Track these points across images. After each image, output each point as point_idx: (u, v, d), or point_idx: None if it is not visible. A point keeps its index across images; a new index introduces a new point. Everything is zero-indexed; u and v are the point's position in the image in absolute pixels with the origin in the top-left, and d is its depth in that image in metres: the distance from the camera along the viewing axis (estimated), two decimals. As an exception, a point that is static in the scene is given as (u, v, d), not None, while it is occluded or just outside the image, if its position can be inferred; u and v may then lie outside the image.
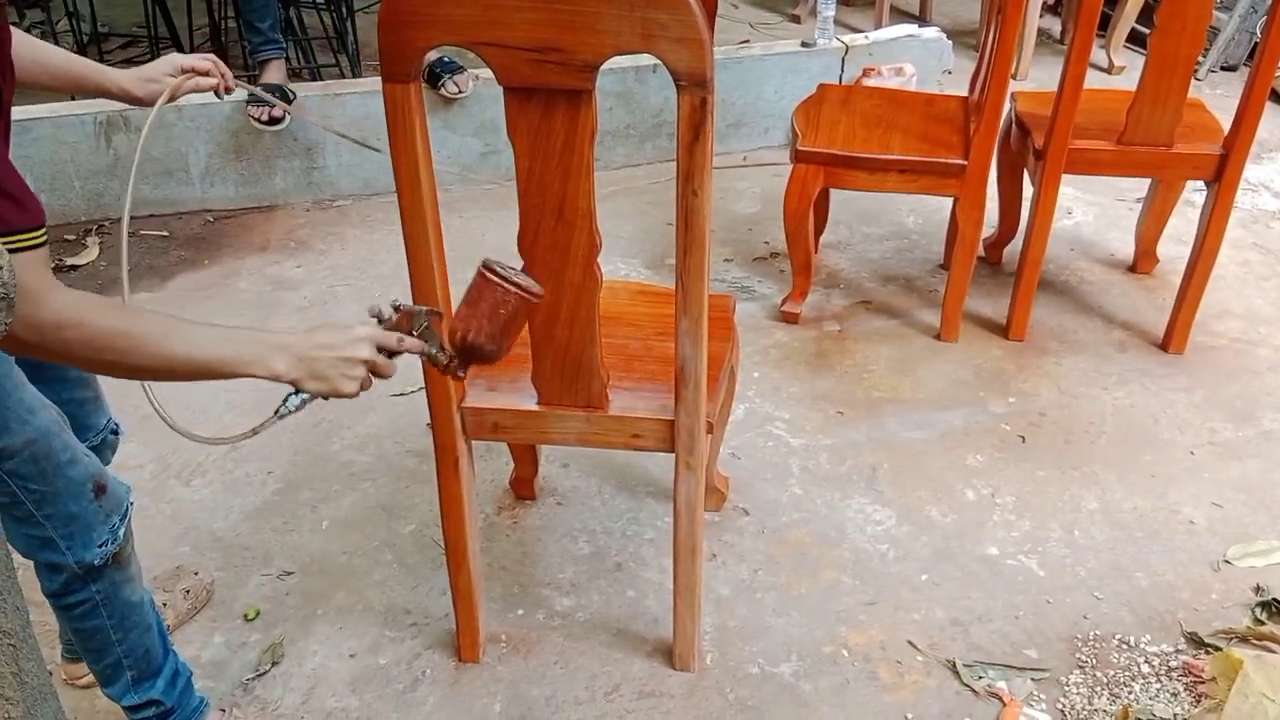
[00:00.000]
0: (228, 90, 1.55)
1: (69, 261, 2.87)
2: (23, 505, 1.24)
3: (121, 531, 1.35)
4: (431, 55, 3.17)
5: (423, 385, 1.48)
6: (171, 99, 1.48)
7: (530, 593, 1.86)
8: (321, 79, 3.58)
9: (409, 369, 1.50)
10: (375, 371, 1.15)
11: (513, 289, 1.15)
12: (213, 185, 3.16)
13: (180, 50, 3.75)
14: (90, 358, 1.02)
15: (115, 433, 1.56)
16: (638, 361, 1.63)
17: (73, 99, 2.97)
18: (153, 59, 3.62)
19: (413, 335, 1.18)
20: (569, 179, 1.29)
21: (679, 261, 1.34)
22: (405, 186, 1.29)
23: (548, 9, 1.16)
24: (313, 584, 1.88)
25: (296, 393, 1.14)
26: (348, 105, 3.13)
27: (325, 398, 1.14)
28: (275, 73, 3.07)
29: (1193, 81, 3.96)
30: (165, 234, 3.06)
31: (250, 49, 3.13)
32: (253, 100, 3.00)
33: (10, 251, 0.90)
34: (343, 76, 3.56)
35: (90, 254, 2.94)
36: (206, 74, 1.51)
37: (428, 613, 1.82)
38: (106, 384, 1.51)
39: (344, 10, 3.66)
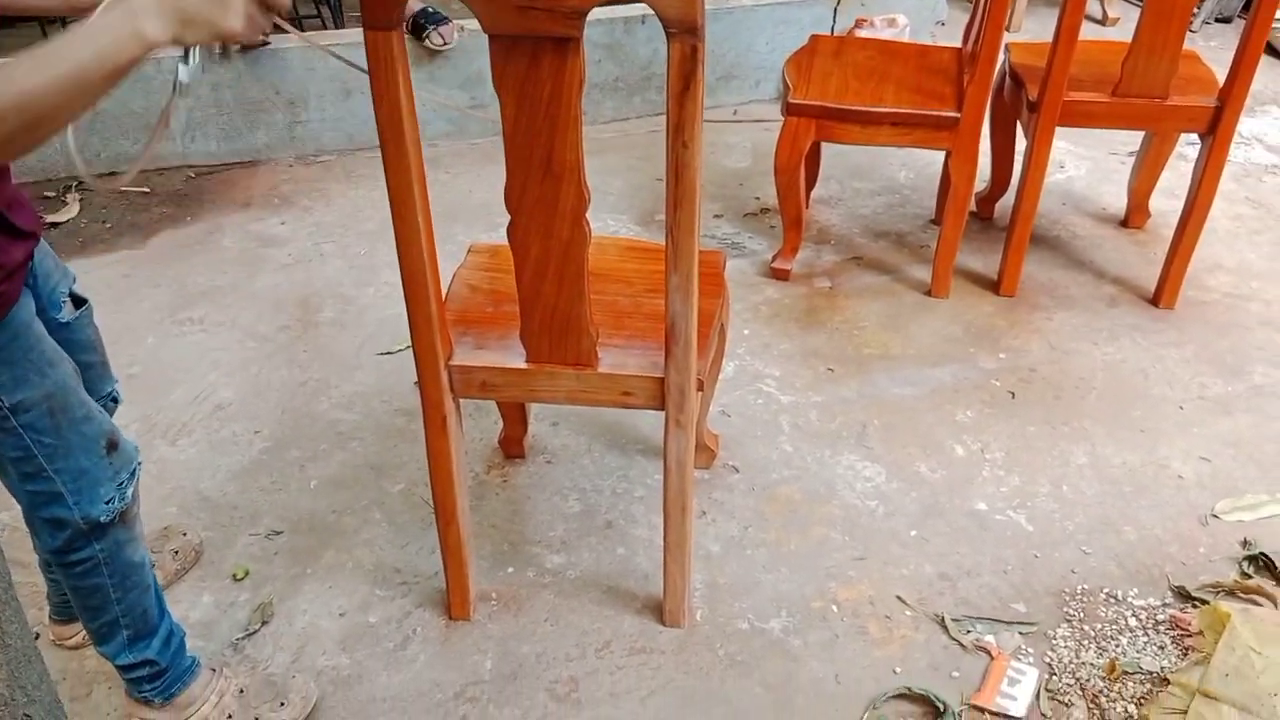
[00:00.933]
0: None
1: (49, 218, 2.82)
2: (34, 459, 1.23)
3: (130, 490, 1.34)
4: (415, 5, 3.10)
5: (409, 344, 1.46)
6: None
7: (520, 550, 1.86)
8: (303, 30, 3.51)
9: (395, 329, 1.47)
10: (266, 4, 1.00)
11: None
12: (194, 140, 3.10)
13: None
14: None
15: (115, 400, 1.55)
16: (627, 319, 1.61)
17: (64, 25, 2.90)
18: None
19: None
20: (556, 130, 1.26)
21: (669, 216, 1.32)
22: (389, 138, 1.26)
23: (534, -46, 1.12)
24: (301, 543, 1.87)
25: (185, 57, 1.00)
26: (330, 58, 3.06)
27: (218, 45, 0.99)
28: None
29: (1187, 34, 3.94)
30: (147, 190, 3.01)
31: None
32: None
33: None
34: (324, 28, 3.49)
35: (70, 210, 2.89)
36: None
37: (417, 571, 1.81)
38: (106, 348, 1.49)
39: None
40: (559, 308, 1.41)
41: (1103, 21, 4.00)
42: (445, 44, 3.08)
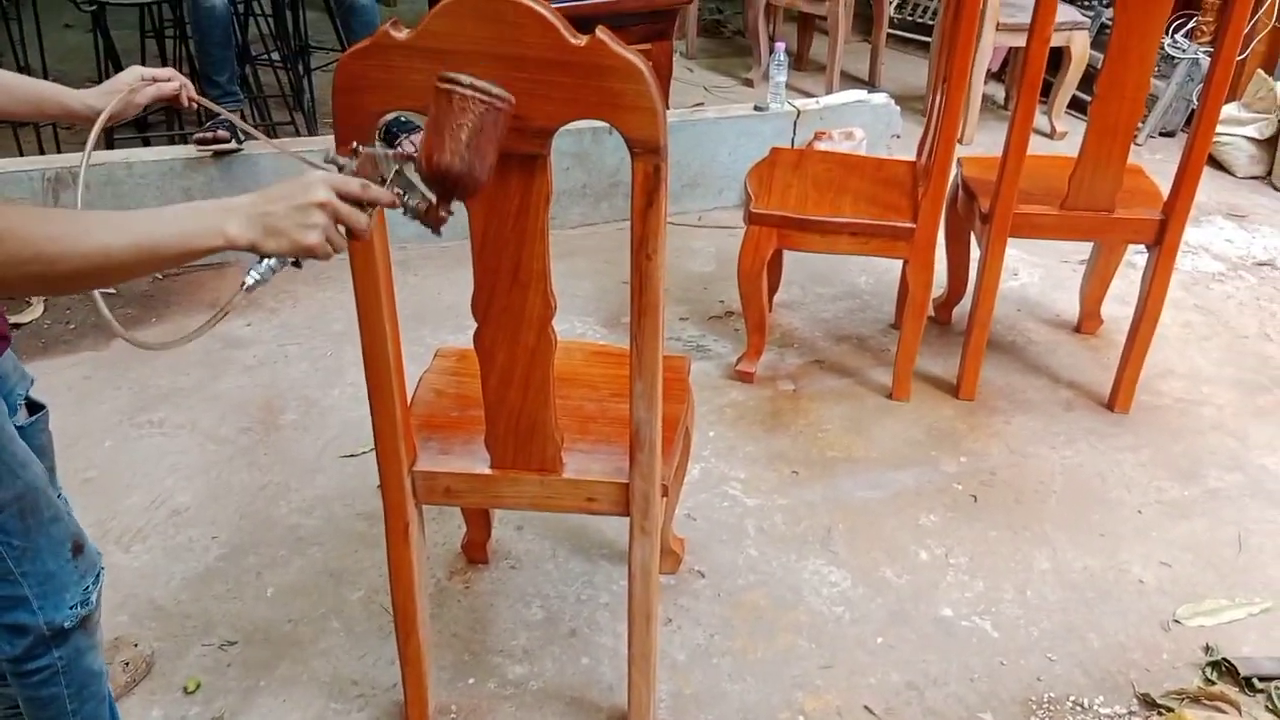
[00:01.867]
0: (191, 100, 1.52)
1: (12, 319, 2.80)
2: (2, 562, 1.20)
3: (94, 595, 1.31)
4: (389, 114, 3.18)
5: (373, 447, 1.46)
6: (132, 107, 1.43)
7: (482, 661, 1.82)
8: (277, 136, 3.57)
9: (358, 431, 1.47)
10: (341, 221, 1.04)
11: (469, 92, 1.04)
12: (162, 242, 3.11)
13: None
14: (21, 273, 0.89)
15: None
16: (593, 423, 1.62)
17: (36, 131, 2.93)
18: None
19: (382, 182, 1.07)
20: (524, 242, 1.29)
21: (633, 324, 1.34)
22: (356, 251, 1.28)
23: (505, 76, 1.16)
24: (256, 654, 1.82)
25: (260, 260, 1.04)
26: (302, 163, 3.11)
27: (292, 258, 1.04)
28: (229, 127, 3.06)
29: (1132, 147, 4.12)
30: (112, 291, 3.00)
31: (205, 103, 3.11)
32: (205, 129, 2.97)
33: None
34: (298, 134, 3.55)
35: (35, 312, 2.88)
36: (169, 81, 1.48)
37: (375, 683, 1.76)
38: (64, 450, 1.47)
39: (300, 68, 3.68)
40: (524, 414, 1.42)
41: (1051, 135, 4.17)
42: (417, 152, 3.14)
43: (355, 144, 1.07)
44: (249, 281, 1.05)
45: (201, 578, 1.99)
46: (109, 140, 3.46)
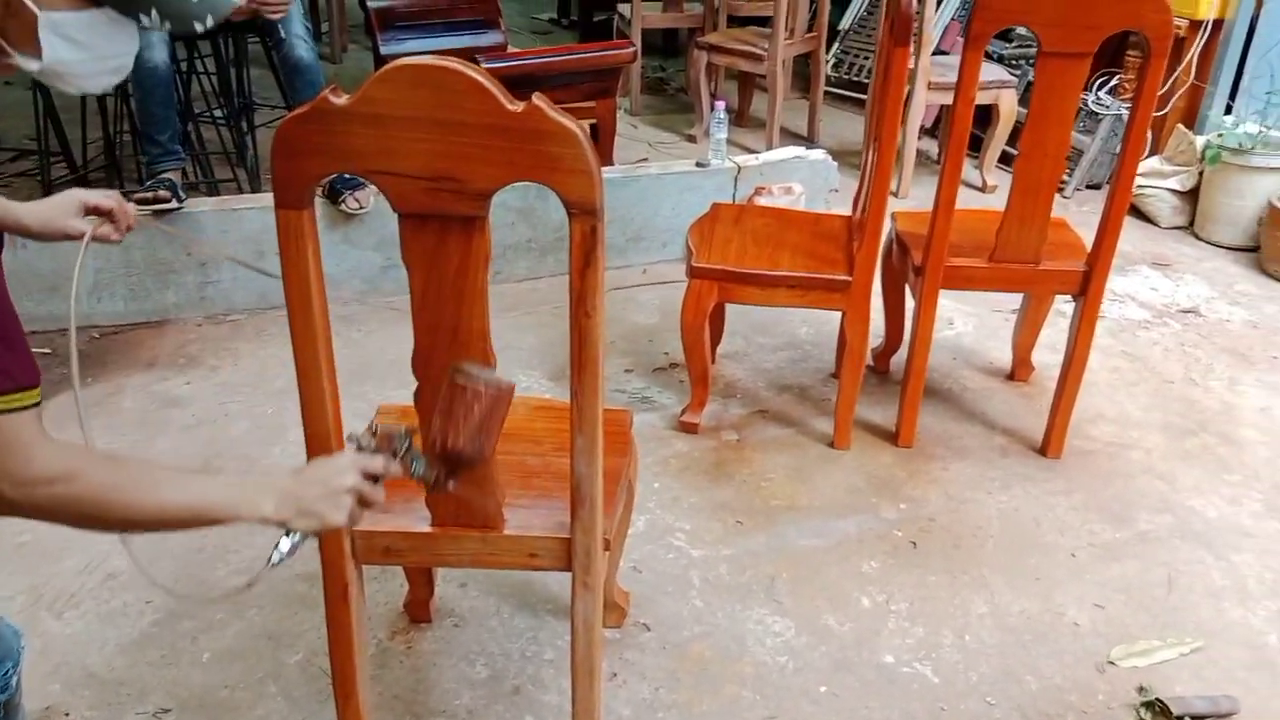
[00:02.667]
0: (129, 229, 1.52)
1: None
2: None
3: (13, 680, 1.27)
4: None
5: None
6: (59, 234, 1.43)
7: (425, 721, 1.80)
8: (219, 194, 3.56)
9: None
10: (363, 499, 1.14)
11: (480, 386, 1.17)
12: (100, 301, 3.08)
13: (71, 165, 3.71)
14: (80, 513, 1.00)
15: None
16: (535, 478, 1.63)
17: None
18: (44, 172, 3.56)
19: (395, 456, 1.18)
20: (463, 302, 1.31)
21: (573, 380, 1.36)
22: (296, 311, 1.29)
23: (444, 140, 1.19)
24: (192, 721, 1.78)
25: (287, 533, 1.13)
26: (244, 220, 3.11)
27: (317, 534, 1.14)
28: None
29: (1060, 200, 4.27)
30: (48, 351, 2.95)
31: (147, 160, 3.10)
32: (141, 193, 2.95)
33: (6, 411, 0.92)
34: (240, 191, 3.55)
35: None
36: (110, 214, 1.47)
37: (316, 747, 1.74)
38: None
39: (244, 125, 3.68)
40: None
41: (983, 189, 4.31)
42: (360, 208, 3.16)
43: (373, 424, 1.23)
44: (275, 559, 1.15)
45: (136, 643, 1.94)
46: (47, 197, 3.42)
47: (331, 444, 1.38)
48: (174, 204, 2.99)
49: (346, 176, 3.19)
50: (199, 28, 1.07)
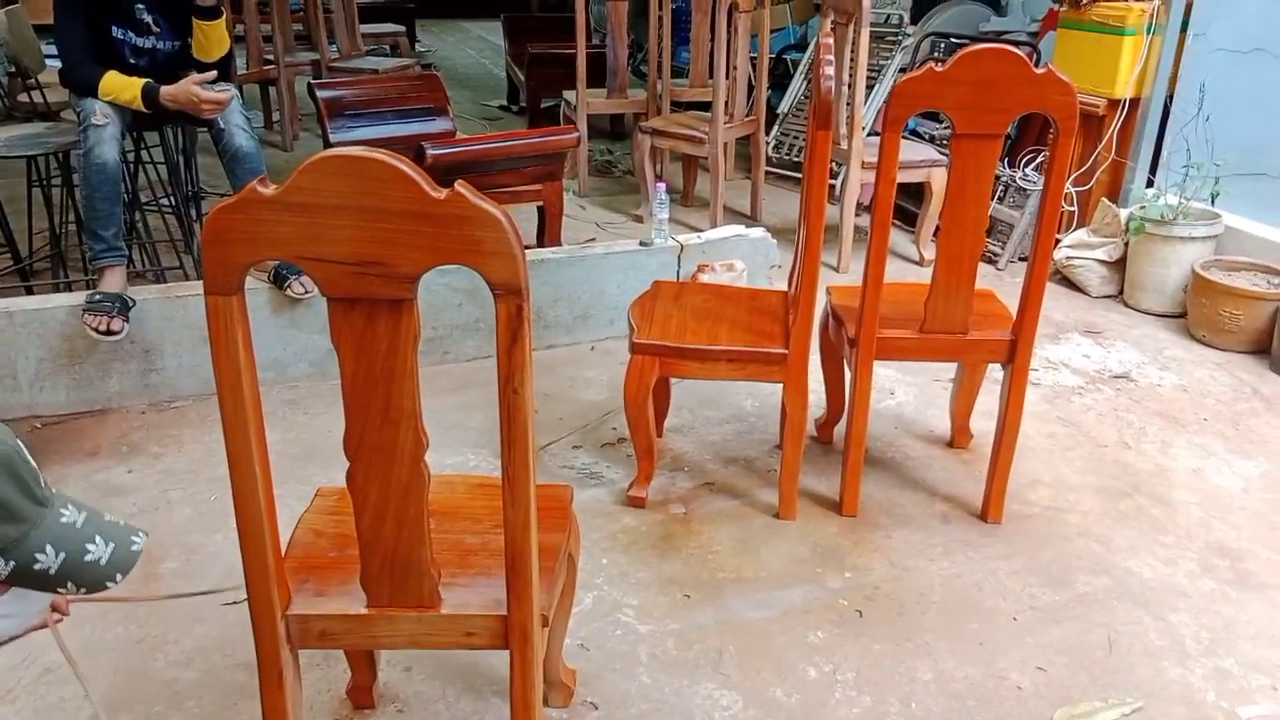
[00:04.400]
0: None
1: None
2: None
3: None
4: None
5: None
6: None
7: (366, 810, 1.77)
8: (166, 281, 3.58)
9: (242, 577, 1.47)
10: None
11: None
12: (42, 391, 3.05)
13: (15, 256, 3.71)
14: None
15: None
16: (473, 556, 1.64)
17: None
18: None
19: None
20: (393, 382, 1.33)
21: (504, 456, 1.39)
22: (226, 396, 1.31)
23: (369, 227, 1.23)
24: (124, 819, 1.73)
25: None
26: (189, 307, 3.12)
27: None
28: (114, 280, 3.05)
29: (994, 272, 4.40)
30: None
31: (91, 255, 3.12)
32: (89, 309, 2.96)
33: None
34: (187, 278, 3.56)
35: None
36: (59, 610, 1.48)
37: (252, 841, 1.69)
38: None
39: (192, 214, 3.71)
40: (399, 550, 1.44)
41: (920, 263, 4.44)
42: (306, 293, 3.18)
43: None
44: None
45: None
46: (-11, 289, 3.42)
47: (264, 530, 1.39)
48: (121, 334, 2.97)
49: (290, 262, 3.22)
50: (110, 586, 1.22)
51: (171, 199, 3.84)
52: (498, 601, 1.50)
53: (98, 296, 2.98)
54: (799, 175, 5.21)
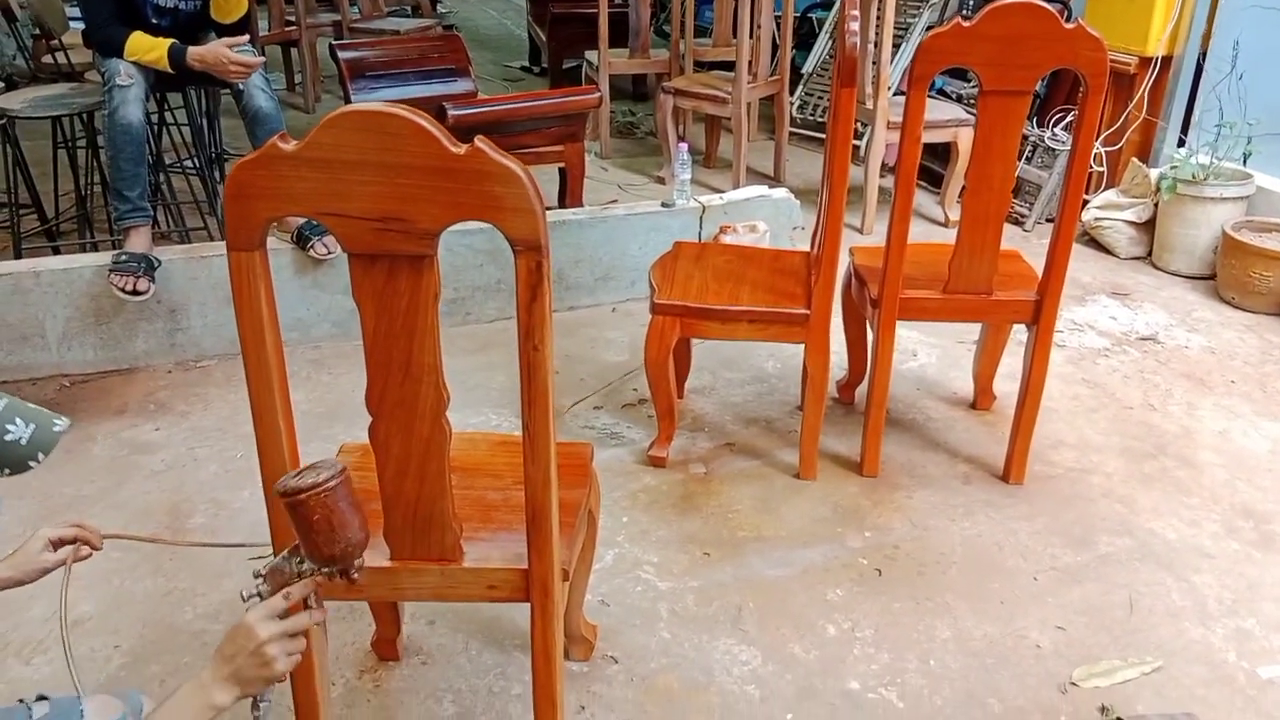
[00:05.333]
0: (102, 541, 1.52)
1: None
2: None
3: None
4: (300, 218, 3.24)
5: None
6: (39, 572, 1.46)
7: (391, 758, 1.81)
8: (190, 241, 3.60)
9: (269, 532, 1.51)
10: (290, 632, 1.20)
11: (304, 496, 1.18)
12: (70, 350, 3.10)
13: (43, 217, 3.74)
14: None
15: None
16: (495, 512, 1.66)
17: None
18: (14, 227, 3.59)
19: (292, 582, 1.22)
20: (414, 338, 1.34)
21: (524, 413, 1.40)
22: (250, 351, 1.32)
23: (389, 183, 1.23)
24: (157, 764, 1.77)
25: (254, 703, 1.20)
26: (214, 267, 3.15)
27: (272, 684, 1.19)
28: (140, 240, 3.08)
29: (1021, 233, 4.35)
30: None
31: (116, 215, 3.14)
32: (115, 270, 2.98)
33: None
34: (211, 239, 3.58)
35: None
36: (74, 541, 1.48)
37: (280, 788, 1.74)
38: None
39: (215, 175, 3.73)
40: (421, 504, 1.45)
41: (945, 224, 4.40)
42: (329, 254, 3.20)
43: (256, 569, 1.25)
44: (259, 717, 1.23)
45: (103, 688, 1.93)
46: (17, 250, 3.46)
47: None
48: (148, 294, 3.00)
49: (314, 223, 3.23)
50: (33, 465, 1.28)
51: (195, 161, 3.85)
52: (519, 555, 1.52)
53: (124, 257, 3.01)
54: (823, 136, 5.15)
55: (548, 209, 1.29)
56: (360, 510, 1.23)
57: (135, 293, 2.97)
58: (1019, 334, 2.98)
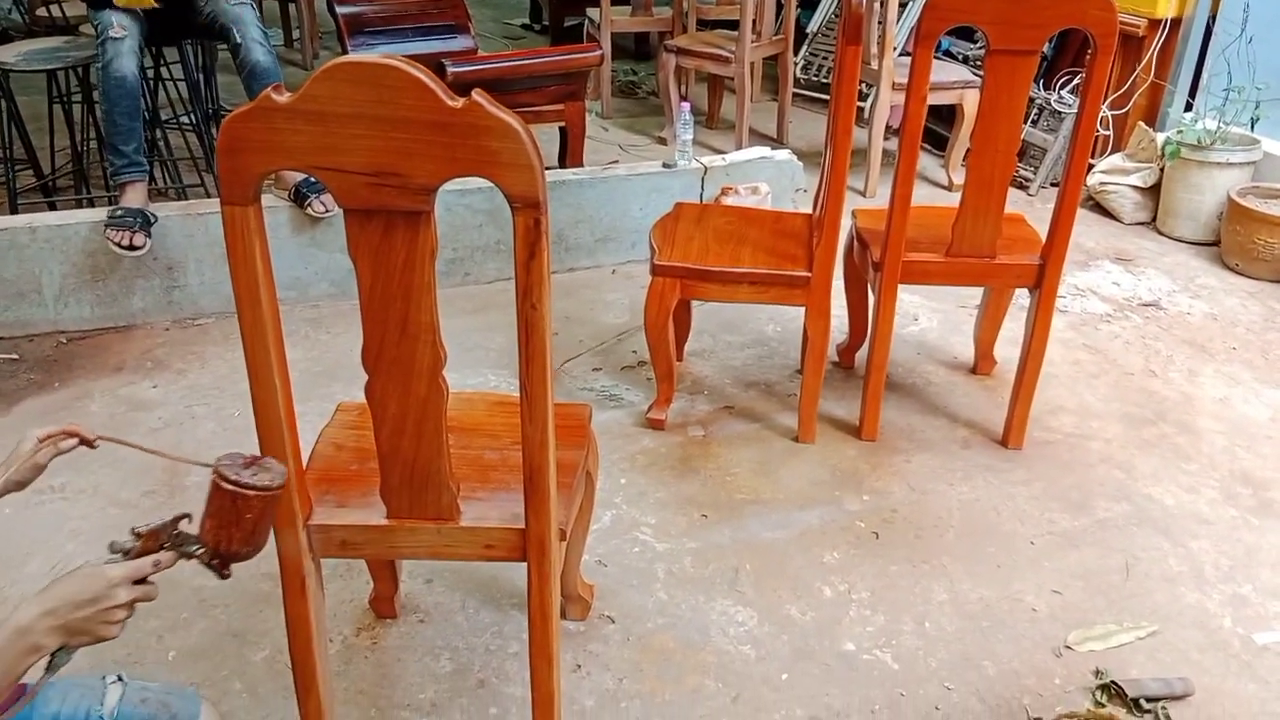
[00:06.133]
0: (97, 439, 1.48)
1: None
2: None
3: None
4: (298, 175, 3.21)
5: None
6: (36, 470, 1.42)
7: (388, 716, 1.82)
8: (187, 198, 3.57)
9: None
10: (140, 599, 1.14)
11: (252, 493, 1.16)
12: (67, 306, 3.08)
13: (38, 173, 3.70)
14: None
15: None
16: (493, 471, 1.65)
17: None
18: (9, 182, 3.57)
19: (165, 549, 1.17)
20: (410, 295, 1.32)
21: (522, 372, 1.38)
22: (245, 307, 1.31)
23: (384, 136, 1.21)
24: (156, 719, 1.78)
25: (61, 650, 1.11)
26: (211, 225, 3.12)
27: (95, 643, 1.12)
28: (136, 195, 3.05)
29: (1025, 197, 4.32)
30: (14, 357, 2.96)
31: (111, 170, 3.11)
32: (111, 225, 2.96)
33: None
34: (208, 195, 3.55)
35: (-71, 379, 2.81)
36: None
37: (278, 742, 1.75)
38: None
39: (212, 131, 3.68)
40: (418, 463, 1.45)
41: (948, 187, 4.36)
42: (326, 211, 3.17)
43: (135, 526, 1.18)
44: (56, 666, 1.11)
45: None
46: (13, 205, 3.43)
47: (285, 442, 1.40)
48: (145, 248, 2.98)
49: (313, 181, 3.20)
50: None
51: (192, 117, 3.81)
52: (516, 515, 1.51)
53: (120, 212, 2.98)
54: (827, 97, 5.08)
55: (547, 169, 1.27)
56: (269, 528, 1.23)
57: (132, 247, 2.95)
58: (1020, 299, 2.97)
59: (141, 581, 1.14)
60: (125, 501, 2.35)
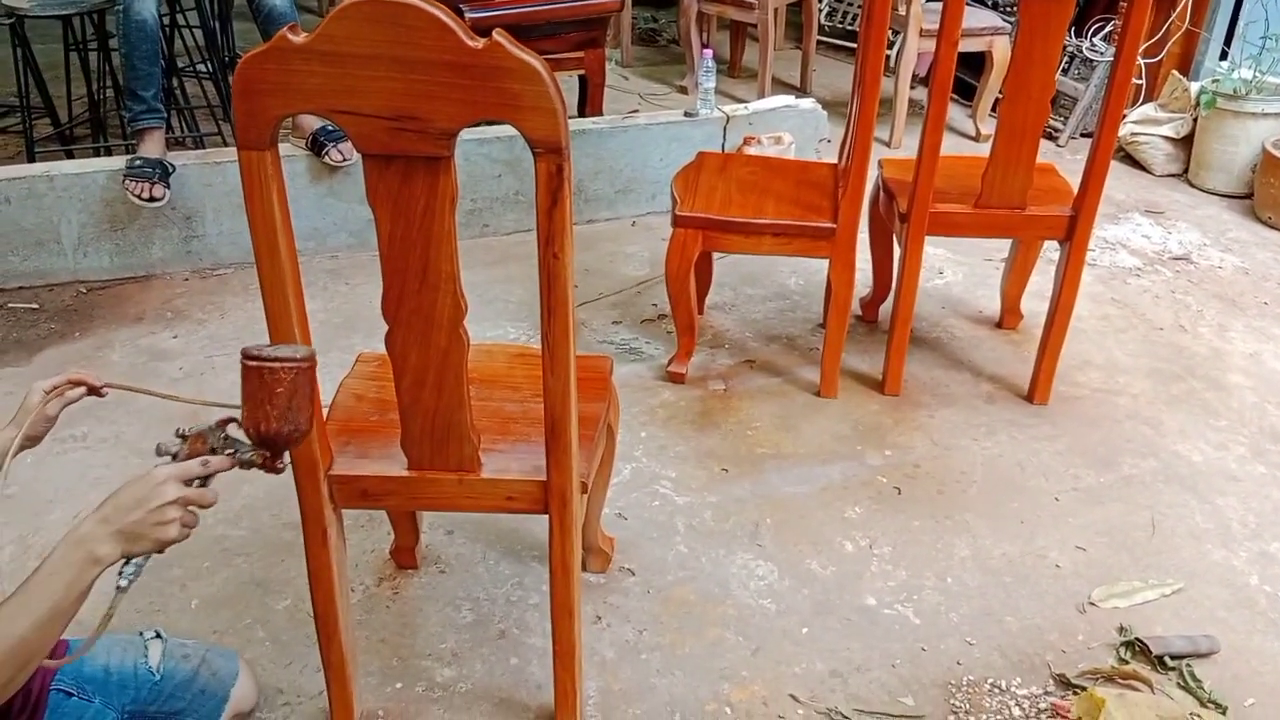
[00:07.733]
0: (106, 388, 1.44)
1: (-73, 336, 2.75)
2: None
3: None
4: (315, 123, 3.17)
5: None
6: (46, 421, 1.40)
7: (410, 665, 1.82)
8: (204, 147, 3.54)
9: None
10: (194, 504, 1.14)
11: (274, 364, 1.15)
12: (86, 256, 3.07)
13: (55, 121, 3.68)
14: None
15: None
16: (514, 423, 1.64)
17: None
18: (26, 131, 3.54)
19: (214, 453, 1.17)
20: (430, 243, 1.30)
21: (544, 323, 1.36)
22: (263, 255, 1.29)
23: (403, 79, 1.18)
24: (180, 665, 1.80)
25: (128, 560, 1.12)
26: (229, 174, 3.09)
27: (159, 552, 1.13)
28: (153, 144, 3.02)
29: (1055, 148, 4.23)
30: (35, 306, 2.96)
31: (130, 117, 3.08)
32: (130, 175, 2.94)
33: None
34: (225, 144, 3.52)
35: (-49, 328, 2.82)
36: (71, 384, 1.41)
37: (301, 691, 1.76)
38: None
39: (228, 79, 3.64)
40: (439, 414, 1.43)
41: (975, 138, 4.27)
42: (344, 160, 3.14)
43: (180, 429, 1.19)
44: (123, 584, 1.14)
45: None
46: (30, 154, 3.41)
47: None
48: (163, 200, 2.96)
49: (330, 129, 3.17)
50: None
51: (209, 64, 3.77)
52: (537, 467, 1.50)
53: (138, 162, 2.96)
54: (853, 46, 4.99)
55: (568, 117, 1.23)
56: (316, 404, 1.21)
57: (151, 199, 2.93)
58: (1048, 252, 2.92)
59: (197, 484, 1.15)
60: (147, 450, 2.34)
